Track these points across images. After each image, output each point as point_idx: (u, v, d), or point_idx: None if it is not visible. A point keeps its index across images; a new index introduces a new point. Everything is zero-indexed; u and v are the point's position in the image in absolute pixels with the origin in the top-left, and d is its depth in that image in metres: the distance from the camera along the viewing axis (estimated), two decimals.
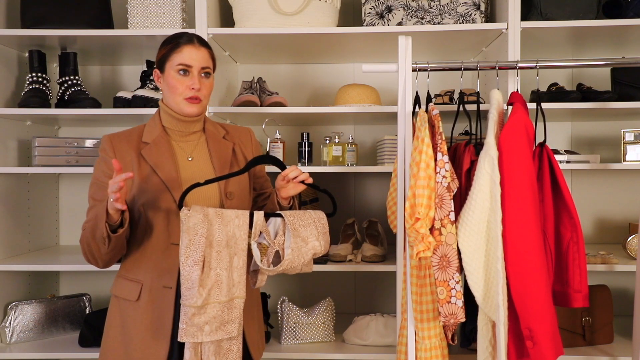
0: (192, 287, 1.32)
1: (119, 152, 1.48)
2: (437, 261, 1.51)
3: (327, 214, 1.53)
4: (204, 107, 1.52)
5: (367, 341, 2.12)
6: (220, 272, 1.35)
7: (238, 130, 1.64)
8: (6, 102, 2.25)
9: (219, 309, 1.35)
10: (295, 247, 1.40)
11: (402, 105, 1.65)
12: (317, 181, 2.50)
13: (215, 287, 1.34)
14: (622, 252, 2.23)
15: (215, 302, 1.34)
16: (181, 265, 1.32)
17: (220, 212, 1.38)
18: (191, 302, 1.31)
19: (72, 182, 2.61)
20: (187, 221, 1.34)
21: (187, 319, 1.32)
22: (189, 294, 1.32)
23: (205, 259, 1.34)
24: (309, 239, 1.43)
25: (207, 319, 1.33)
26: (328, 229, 1.48)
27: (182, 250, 1.33)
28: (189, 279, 1.32)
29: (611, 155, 2.49)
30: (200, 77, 1.48)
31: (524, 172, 1.49)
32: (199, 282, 1.32)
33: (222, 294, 1.35)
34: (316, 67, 2.58)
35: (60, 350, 2.13)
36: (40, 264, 2.13)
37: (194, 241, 1.33)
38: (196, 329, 1.32)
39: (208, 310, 1.33)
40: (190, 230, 1.33)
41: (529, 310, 1.47)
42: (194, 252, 1.33)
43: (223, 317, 1.35)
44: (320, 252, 1.46)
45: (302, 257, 1.42)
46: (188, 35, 1.50)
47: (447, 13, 2.09)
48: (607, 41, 2.26)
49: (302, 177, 1.48)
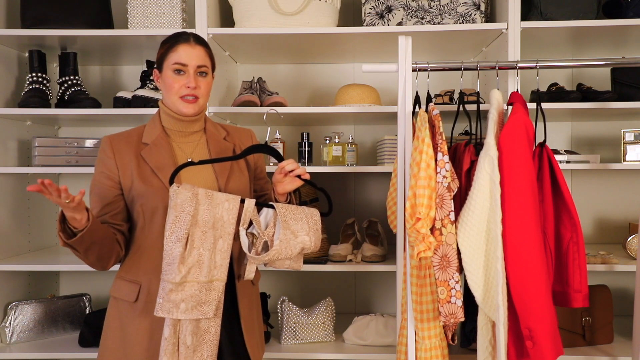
0: (172, 262, 1.32)
1: (118, 153, 1.47)
2: (437, 261, 1.51)
3: (322, 214, 1.52)
4: (201, 107, 1.51)
5: (367, 341, 2.12)
6: (202, 252, 1.35)
7: (239, 131, 1.64)
8: (6, 102, 2.25)
9: (197, 289, 1.34)
10: (284, 238, 1.40)
11: (402, 105, 1.65)
12: (317, 181, 2.49)
13: (196, 266, 1.34)
14: (622, 252, 2.23)
15: (194, 281, 1.34)
16: (165, 240, 1.33)
17: (211, 194, 1.39)
18: (170, 278, 1.32)
19: (72, 182, 2.61)
20: (175, 197, 1.34)
21: (164, 294, 1.32)
22: (169, 270, 1.32)
23: (189, 237, 1.34)
24: (298, 233, 1.43)
25: (184, 297, 1.33)
26: (320, 227, 1.48)
27: (168, 225, 1.33)
28: (170, 254, 1.32)
29: (611, 155, 2.49)
30: (196, 76, 1.47)
31: (524, 172, 1.49)
32: (179, 258, 1.32)
33: (202, 274, 1.35)
34: (316, 67, 2.58)
35: (60, 350, 2.13)
36: (40, 264, 2.13)
37: (180, 218, 1.33)
38: (172, 305, 1.32)
39: (186, 288, 1.33)
40: (178, 207, 1.34)
41: (528, 310, 1.47)
42: (179, 229, 1.33)
43: (200, 297, 1.35)
44: (310, 247, 1.45)
45: (290, 250, 1.42)
46: (185, 34, 1.50)
47: (447, 13, 2.09)
48: (607, 41, 2.26)
49: (298, 171, 1.47)
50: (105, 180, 1.46)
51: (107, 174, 1.47)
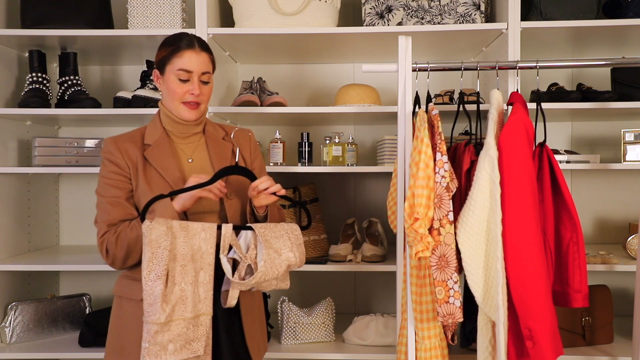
0: (154, 302, 1.26)
1: (125, 152, 1.47)
2: (435, 261, 1.51)
3: (301, 227, 1.49)
4: (202, 112, 1.52)
5: (367, 341, 2.12)
6: (185, 287, 1.30)
7: (237, 132, 1.64)
8: (6, 102, 2.25)
9: (184, 326, 1.29)
10: (267, 258, 1.35)
11: (402, 105, 1.65)
12: (317, 181, 2.50)
13: (179, 302, 1.29)
14: (622, 252, 2.23)
15: (180, 319, 1.29)
16: (143, 280, 1.27)
17: (186, 225, 1.34)
18: (154, 319, 1.26)
19: (72, 182, 2.61)
20: (149, 233, 1.28)
21: (149, 337, 1.26)
22: (151, 310, 1.27)
23: (169, 273, 1.28)
24: (282, 250, 1.38)
25: (171, 337, 1.28)
26: (302, 241, 1.44)
27: (145, 264, 1.28)
28: (151, 294, 1.27)
29: (611, 155, 2.49)
30: (200, 83, 1.48)
31: (524, 172, 1.49)
32: (161, 297, 1.26)
33: (187, 310, 1.30)
34: (316, 67, 2.58)
35: (60, 350, 2.13)
36: (40, 264, 2.13)
37: (156, 254, 1.28)
38: (159, 347, 1.27)
39: (172, 328, 1.28)
40: (153, 243, 1.28)
41: (528, 310, 1.47)
42: (157, 266, 1.27)
43: (188, 334, 1.30)
44: (295, 263, 1.41)
45: (276, 269, 1.37)
46: (189, 38, 1.49)
47: (447, 13, 2.09)
48: (607, 41, 2.26)
49: (273, 188, 1.44)
50: (116, 177, 1.46)
51: (120, 172, 1.46)
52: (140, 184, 1.45)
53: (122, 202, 1.45)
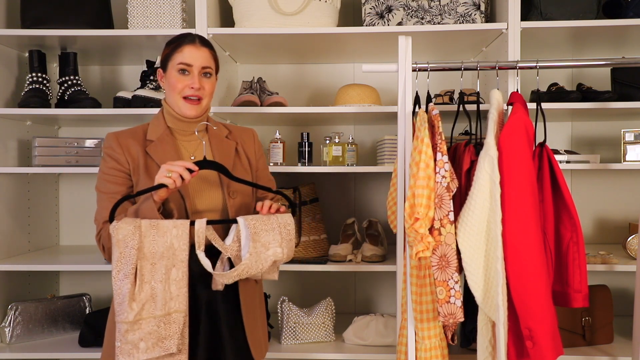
0: (123, 301, 1.27)
1: (126, 148, 1.48)
2: (436, 261, 1.51)
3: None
4: (204, 109, 1.53)
5: (367, 341, 2.12)
6: (155, 285, 1.30)
7: (240, 131, 1.64)
8: (6, 102, 2.25)
9: (155, 324, 1.29)
10: (254, 252, 1.36)
11: (402, 105, 1.65)
12: (317, 181, 2.51)
13: (150, 301, 1.29)
14: (622, 252, 2.23)
15: (150, 317, 1.29)
16: (113, 280, 1.28)
17: (156, 223, 1.34)
18: (123, 318, 1.27)
19: (72, 182, 2.61)
20: (116, 233, 1.29)
21: (120, 335, 1.27)
22: (120, 309, 1.27)
23: (138, 272, 1.29)
24: (270, 245, 1.38)
25: (142, 335, 1.28)
26: (293, 236, 1.44)
27: (114, 263, 1.29)
28: (120, 293, 1.27)
29: (611, 155, 2.49)
30: (200, 77, 1.48)
31: (524, 172, 1.49)
32: (129, 296, 1.27)
33: (157, 308, 1.30)
34: (316, 67, 2.58)
35: (60, 350, 2.13)
36: (40, 264, 2.13)
37: (124, 254, 1.28)
38: (131, 346, 1.27)
39: (142, 326, 1.28)
40: (120, 243, 1.29)
41: (528, 310, 1.47)
42: (125, 265, 1.28)
43: (160, 332, 1.30)
44: (282, 259, 1.42)
45: (261, 264, 1.37)
46: (191, 35, 1.51)
47: (447, 13, 2.09)
48: (607, 41, 2.26)
49: (272, 208, 1.45)
50: (115, 172, 1.46)
51: (119, 167, 1.47)
52: (141, 179, 1.46)
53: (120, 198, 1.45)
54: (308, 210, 2.29)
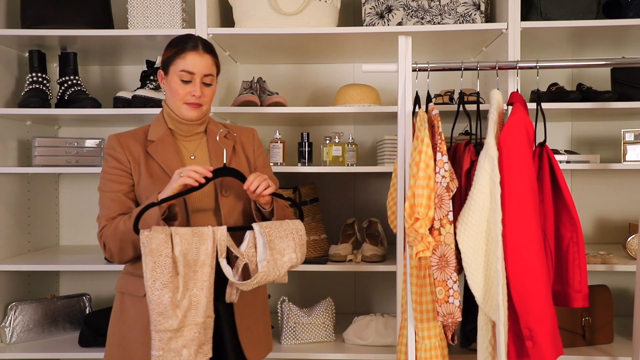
0: (164, 311, 1.27)
1: (127, 148, 1.49)
2: (436, 261, 1.51)
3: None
4: (204, 112, 1.54)
5: (367, 341, 2.11)
6: (197, 292, 1.31)
7: (240, 130, 1.65)
8: (6, 102, 2.25)
9: (196, 330, 1.31)
10: (271, 259, 1.37)
11: (402, 105, 1.65)
12: (318, 181, 2.50)
13: (192, 307, 1.30)
14: (622, 252, 2.23)
15: (192, 324, 1.30)
16: (148, 290, 1.27)
17: (198, 230, 1.34)
18: (166, 326, 1.27)
19: (72, 182, 2.61)
20: (149, 243, 1.28)
21: (162, 344, 1.26)
22: (162, 319, 1.27)
23: (181, 280, 1.29)
24: (285, 251, 1.39)
25: (185, 342, 1.29)
26: (305, 241, 1.45)
27: (148, 273, 1.27)
28: (159, 303, 1.26)
29: (611, 155, 2.49)
30: (202, 85, 1.49)
31: (524, 172, 1.49)
32: (171, 304, 1.27)
33: (198, 315, 1.31)
34: (316, 67, 2.58)
35: (60, 350, 2.13)
36: (40, 264, 2.13)
37: (159, 263, 1.28)
38: (174, 354, 1.27)
39: (185, 333, 1.29)
40: (154, 252, 1.28)
41: (529, 310, 1.47)
42: (161, 275, 1.27)
43: (200, 338, 1.31)
44: (297, 264, 1.43)
45: (278, 270, 1.38)
46: (194, 40, 1.50)
47: (447, 13, 2.09)
48: (607, 41, 2.26)
49: (259, 189, 1.42)
50: (118, 172, 1.47)
51: (120, 167, 1.48)
52: (142, 178, 1.47)
53: (121, 197, 1.46)
54: (308, 210, 2.29)
